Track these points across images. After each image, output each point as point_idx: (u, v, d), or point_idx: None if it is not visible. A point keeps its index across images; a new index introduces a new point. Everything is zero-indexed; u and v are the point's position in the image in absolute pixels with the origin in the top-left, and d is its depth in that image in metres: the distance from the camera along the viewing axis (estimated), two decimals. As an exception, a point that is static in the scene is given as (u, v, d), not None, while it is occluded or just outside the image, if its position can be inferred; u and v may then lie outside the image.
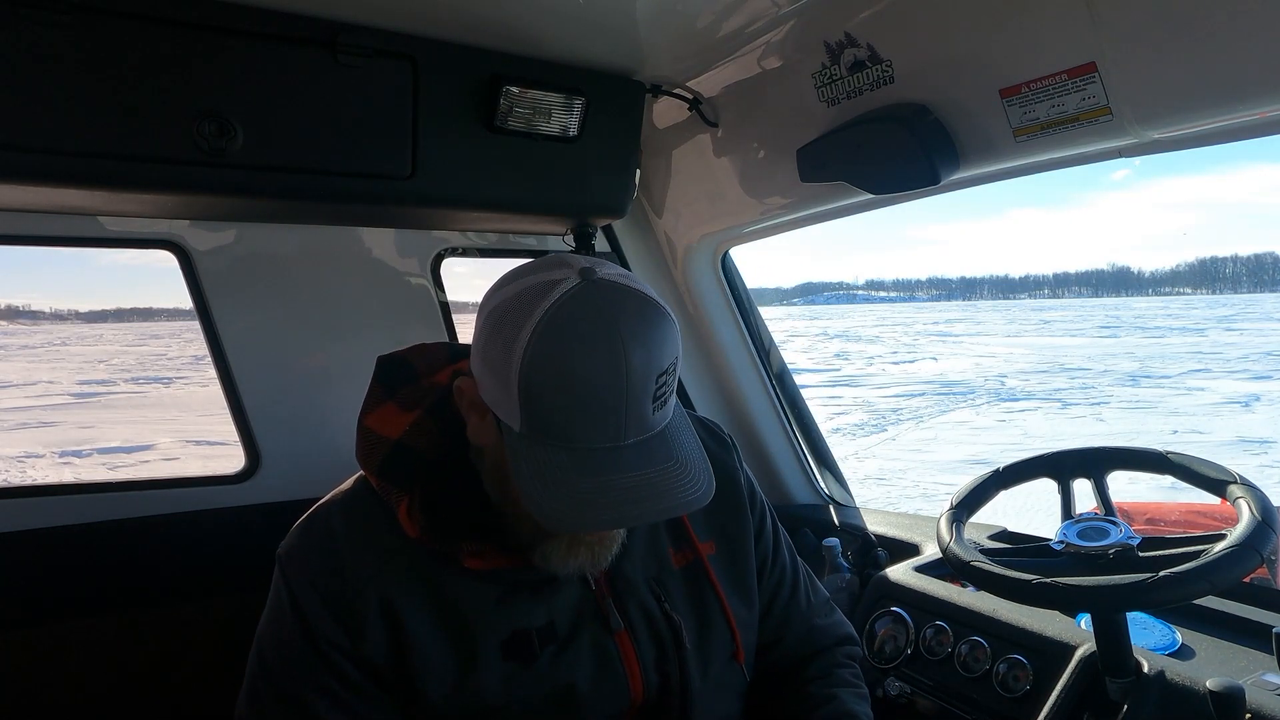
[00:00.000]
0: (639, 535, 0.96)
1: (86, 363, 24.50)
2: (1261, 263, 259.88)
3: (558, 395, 0.74)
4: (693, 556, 0.99)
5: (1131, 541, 1.06)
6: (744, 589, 1.02)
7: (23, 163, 1.08)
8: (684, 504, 0.77)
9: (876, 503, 5.42)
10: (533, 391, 0.75)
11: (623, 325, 0.75)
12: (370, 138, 1.29)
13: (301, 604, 0.84)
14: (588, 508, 0.74)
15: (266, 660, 0.87)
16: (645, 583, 0.95)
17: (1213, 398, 14.97)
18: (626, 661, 0.92)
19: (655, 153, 1.84)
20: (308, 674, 0.84)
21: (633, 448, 0.77)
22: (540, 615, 0.88)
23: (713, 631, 0.97)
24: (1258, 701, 1.00)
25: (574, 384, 0.74)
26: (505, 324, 0.77)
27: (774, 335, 2.10)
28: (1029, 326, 42.90)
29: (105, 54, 1.07)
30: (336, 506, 0.91)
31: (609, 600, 0.92)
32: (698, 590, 0.98)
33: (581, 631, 0.90)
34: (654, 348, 0.76)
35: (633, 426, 0.76)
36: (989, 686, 1.25)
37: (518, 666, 0.86)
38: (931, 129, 1.25)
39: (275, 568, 0.89)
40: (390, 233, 1.73)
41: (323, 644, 0.84)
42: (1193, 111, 1.02)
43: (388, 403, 0.93)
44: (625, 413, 0.75)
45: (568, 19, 1.27)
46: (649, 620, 0.94)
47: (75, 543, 1.42)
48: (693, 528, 1.00)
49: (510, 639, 0.87)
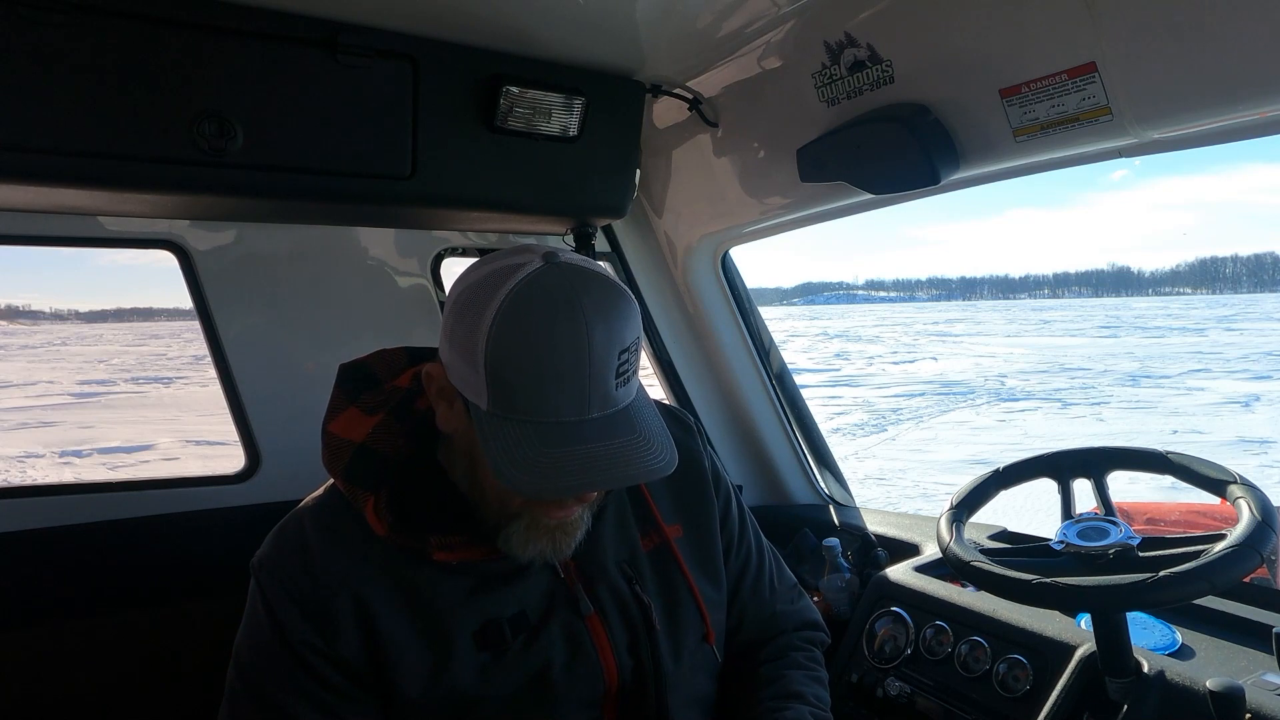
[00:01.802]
0: (608, 521, 0.98)
1: (86, 363, 24.51)
2: (1261, 263, 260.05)
3: (523, 370, 0.77)
4: (660, 540, 1.01)
5: (1131, 541, 1.06)
6: (712, 570, 1.05)
7: (23, 163, 1.07)
8: (646, 472, 0.79)
9: (876, 503, 5.42)
10: (499, 367, 0.77)
11: (585, 303, 0.77)
12: (370, 138, 1.29)
13: (275, 609, 0.86)
14: (553, 475, 0.77)
15: (244, 668, 0.89)
16: (615, 566, 0.97)
17: (1213, 398, 14.98)
18: (599, 645, 0.93)
19: (655, 153, 1.84)
20: (285, 678, 0.86)
21: (597, 421, 0.79)
22: (511, 604, 0.90)
23: (682, 613, 0.99)
24: (1258, 701, 1.00)
25: (539, 358, 0.76)
26: (471, 306, 0.80)
27: (774, 335, 2.10)
28: (1029, 326, 42.92)
29: (105, 54, 1.07)
30: (307, 513, 0.93)
31: (579, 585, 0.94)
32: (666, 573, 1.00)
33: (552, 618, 0.92)
34: (615, 324, 0.79)
35: (596, 400, 0.79)
36: (989, 686, 1.25)
37: (491, 656, 0.88)
38: (931, 129, 1.25)
39: (250, 578, 0.90)
40: (390, 232, 1.73)
41: (299, 647, 0.85)
42: (1193, 111, 1.02)
43: (350, 408, 0.94)
44: (589, 386, 0.78)
45: (568, 19, 1.27)
46: (619, 603, 0.95)
47: (75, 543, 1.42)
48: (659, 511, 1.02)
49: (481, 629, 0.88)
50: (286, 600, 0.86)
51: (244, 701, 0.88)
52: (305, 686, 0.85)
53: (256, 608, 0.88)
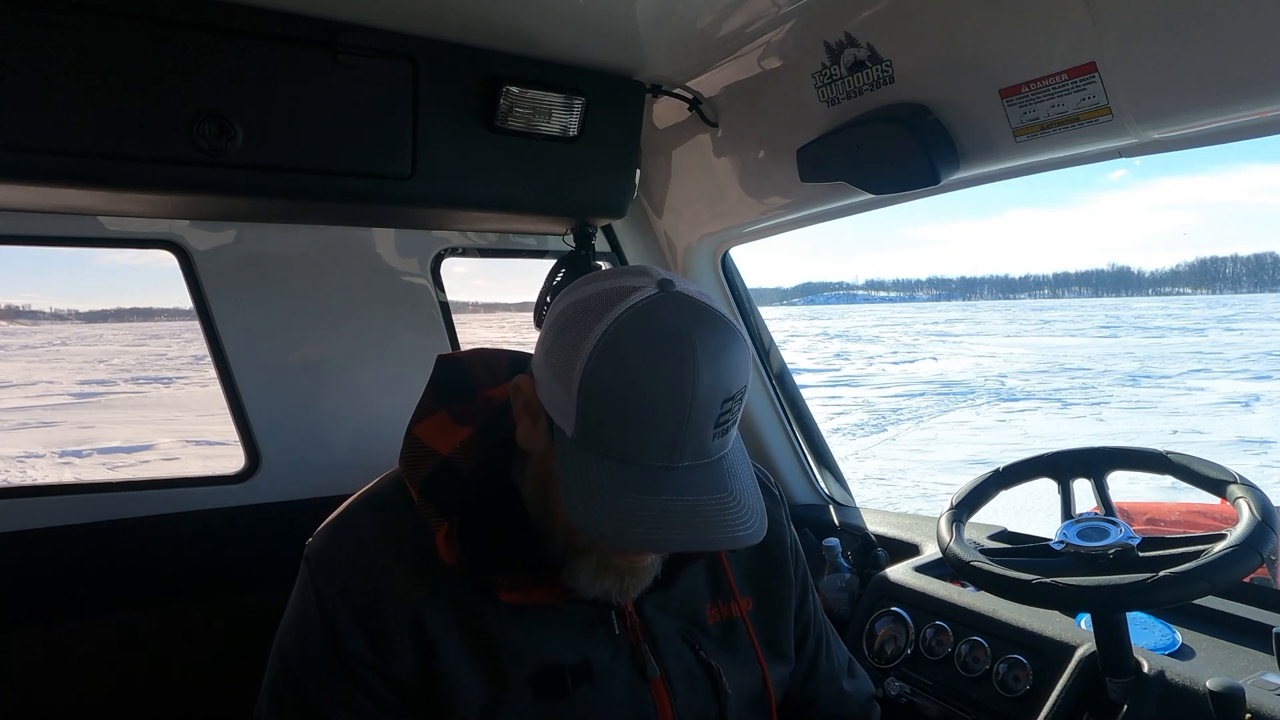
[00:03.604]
0: (679, 581, 0.92)
1: (86, 363, 24.50)
2: (1261, 263, 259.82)
3: (618, 401, 0.71)
4: (731, 611, 0.95)
5: (1131, 541, 1.06)
6: (779, 650, 1.00)
7: (23, 163, 1.07)
8: (732, 539, 0.73)
9: (876, 503, 5.42)
10: (593, 394, 0.72)
11: (696, 340, 0.71)
12: (370, 138, 1.29)
13: (330, 615, 0.82)
14: (630, 524, 0.71)
15: (291, 667, 0.85)
16: (679, 632, 0.91)
17: (1213, 398, 14.97)
18: (661, 711, 0.88)
19: (655, 153, 1.84)
20: (334, 688, 0.82)
21: (687, 470, 0.73)
22: (574, 654, 0.85)
23: (745, 690, 0.94)
24: (1258, 701, 1.00)
25: (637, 392, 0.70)
26: (575, 323, 0.74)
27: (774, 335, 2.10)
28: (1029, 326, 42.90)
29: (105, 54, 1.07)
30: (369, 511, 0.88)
31: (644, 645, 0.88)
32: (732, 646, 0.94)
33: (614, 677, 0.87)
34: (725, 369, 0.72)
35: (690, 449, 0.72)
36: (989, 686, 1.25)
37: (549, 705, 0.83)
38: (931, 129, 1.25)
39: (301, 566, 0.86)
40: (390, 232, 1.73)
41: (350, 659, 0.81)
42: (1193, 111, 1.02)
43: (440, 411, 0.89)
44: (685, 432, 0.71)
45: (568, 19, 1.27)
46: (686, 670, 0.90)
47: (75, 543, 1.42)
48: (734, 581, 0.96)
49: (541, 674, 0.84)
50: (341, 603, 0.81)
51: (287, 698, 0.84)
52: (353, 699, 0.81)
53: (309, 601, 0.84)
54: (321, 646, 0.82)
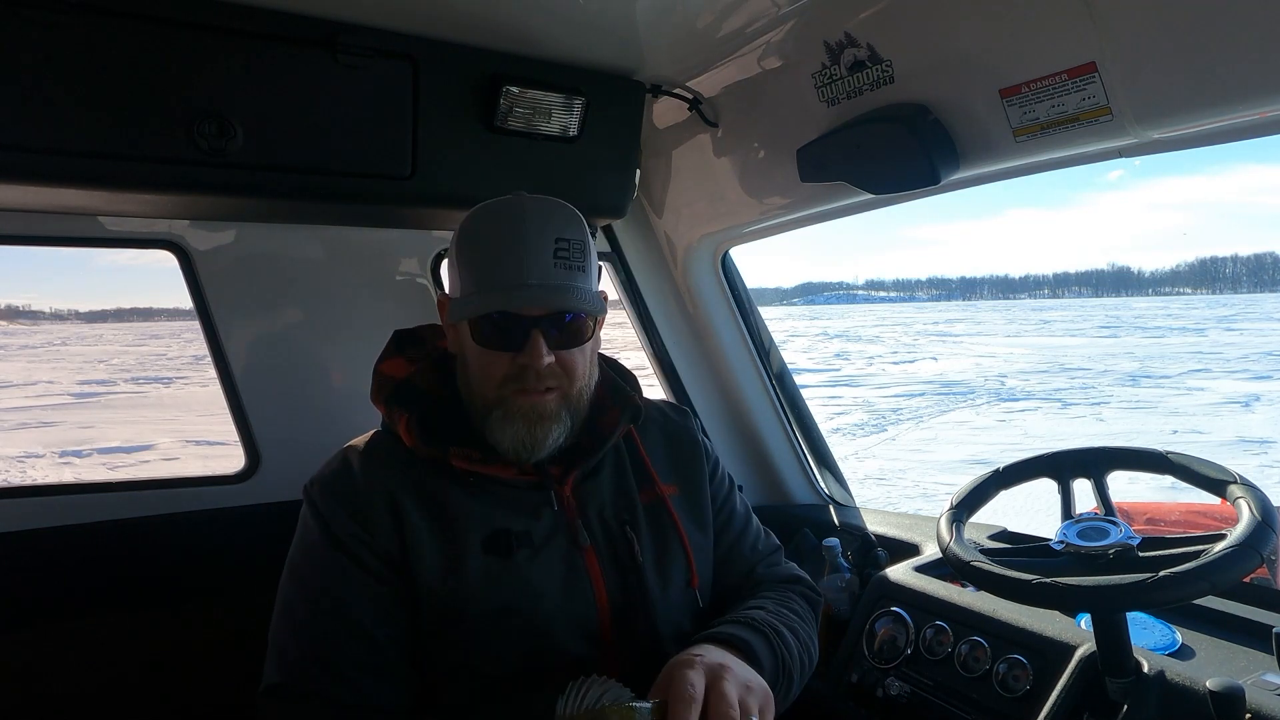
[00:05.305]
0: (606, 474, 1.13)
1: (86, 363, 24.52)
2: (1261, 263, 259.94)
3: (475, 247, 0.99)
4: (655, 495, 1.14)
5: (1131, 541, 1.06)
6: (702, 523, 1.18)
7: (23, 163, 1.08)
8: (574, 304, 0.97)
9: (876, 503, 5.42)
10: (460, 252, 1.01)
11: (525, 198, 1.01)
12: (370, 138, 1.29)
13: (324, 512, 1.00)
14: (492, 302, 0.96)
15: (295, 568, 1.02)
16: (612, 509, 1.10)
17: (1213, 398, 14.98)
18: (592, 575, 1.05)
19: (655, 153, 1.84)
20: (331, 565, 0.98)
21: (536, 288, 0.96)
22: (517, 523, 1.03)
23: (671, 557, 1.11)
24: (1258, 701, 1.00)
25: (484, 228, 1.00)
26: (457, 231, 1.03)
27: (774, 335, 2.10)
28: (1029, 326, 42.91)
29: (105, 54, 1.07)
30: (354, 446, 1.08)
31: (578, 520, 1.07)
32: (659, 523, 1.13)
33: (553, 543, 1.04)
34: (551, 212, 1.00)
35: (535, 270, 0.96)
36: (989, 686, 1.25)
37: (495, 560, 1.00)
38: (931, 129, 1.25)
39: (303, 504, 1.04)
40: (390, 232, 1.73)
41: (345, 539, 0.98)
42: (1193, 111, 1.02)
43: (398, 356, 1.14)
44: (525, 252, 0.96)
45: (568, 19, 1.27)
46: (611, 542, 1.08)
47: (75, 543, 1.42)
48: (656, 473, 1.16)
49: (490, 536, 1.01)
50: (334, 504, 1.00)
51: (296, 599, 1.00)
52: (348, 570, 0.98)
53: (307, 519, 1.02)
54: (320, 540, 0.99)
